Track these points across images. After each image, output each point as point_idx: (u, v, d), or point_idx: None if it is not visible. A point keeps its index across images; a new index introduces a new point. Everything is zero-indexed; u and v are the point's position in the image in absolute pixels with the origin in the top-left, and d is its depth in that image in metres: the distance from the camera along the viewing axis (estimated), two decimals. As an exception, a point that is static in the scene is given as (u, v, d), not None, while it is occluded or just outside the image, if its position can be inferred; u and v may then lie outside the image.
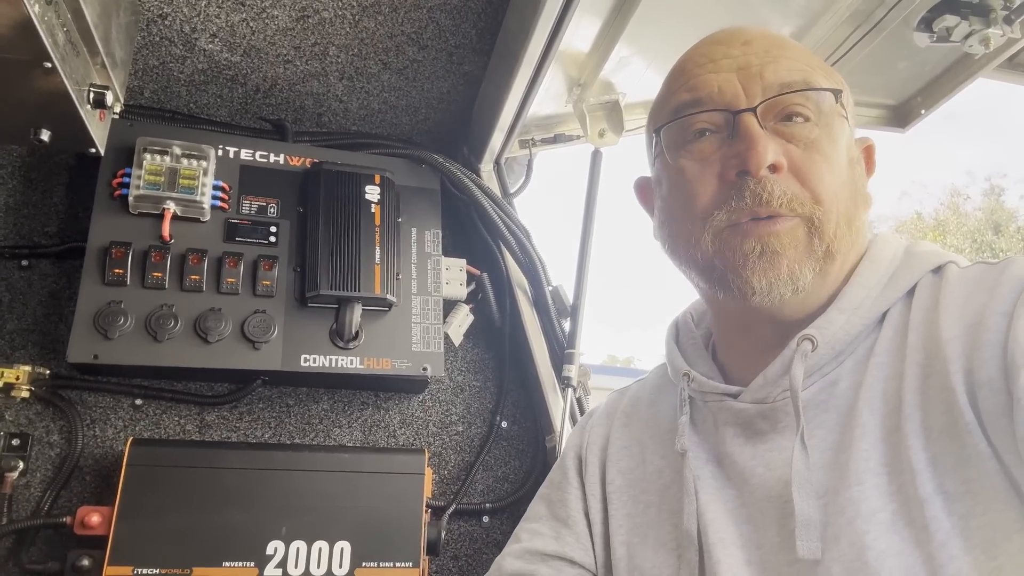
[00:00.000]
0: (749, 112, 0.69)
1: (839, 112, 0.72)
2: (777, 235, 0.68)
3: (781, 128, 0.70)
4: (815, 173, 0.69)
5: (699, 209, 0.72)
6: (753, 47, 0.73)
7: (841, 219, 0.69)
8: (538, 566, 0.83)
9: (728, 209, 0.69)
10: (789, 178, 0.69)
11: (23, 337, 1.34)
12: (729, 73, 0.72)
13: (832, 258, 0.70)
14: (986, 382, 0.58)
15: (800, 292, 0.69)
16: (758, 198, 0.68)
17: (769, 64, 0.71)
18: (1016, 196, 22.80)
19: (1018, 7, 1.24)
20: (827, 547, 0.61)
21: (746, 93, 0.71)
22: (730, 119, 0.71)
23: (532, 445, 1.59)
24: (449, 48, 1.37)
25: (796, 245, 0.68)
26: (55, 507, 1.27)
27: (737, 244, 0.69)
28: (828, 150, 0.70)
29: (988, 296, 0.62)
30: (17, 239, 1.38)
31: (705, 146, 0.73)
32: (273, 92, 1.47)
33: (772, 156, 0.68)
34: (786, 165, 0.69)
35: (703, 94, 0.73)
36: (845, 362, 0.69)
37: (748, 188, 0.68)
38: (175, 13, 1.25)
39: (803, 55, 0.75)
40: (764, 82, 0.70)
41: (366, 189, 1.43)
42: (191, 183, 1.32)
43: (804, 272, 0.68)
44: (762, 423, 0.71)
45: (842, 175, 0.71)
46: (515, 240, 1.55)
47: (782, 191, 0.68)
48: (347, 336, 1.34)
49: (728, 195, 0.70)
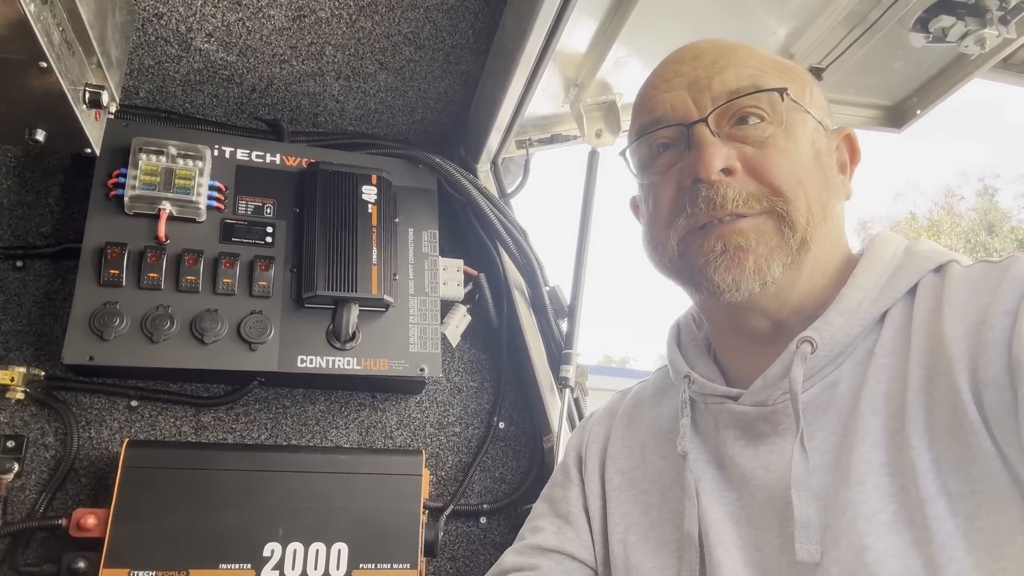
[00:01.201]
0: (701, 123, 0.72)
1: (795, 107, 0.74)
2: (741, 231, 0.70)
3: (735, 132, 0.73)
4: (771, 168, 0.71)
5: (663, 217, 0.76)
6: (702, 60, 0.76)
7: (813, 207, 0.71)
8: (539, 559, 0.84)
9: (686, 215, 0.73)
10: (745, 178, 0.71)
11: (18, 338, 1.33)
12: (680, 91, 0.75)
13: (807, 248, 0.70)
14: (991, 381, 0.58)
15: (770, 286, 0.70)
16: (711, 203, 0.70)
17: (717, 75, 0.74)
18: (1010, 196, 22.85)
19: (1013, 8, 1.24)
20: (827, 548, 0.61)
21: (696, 106, 0.74)
22: (684, 132, 0.74)
23: (529, 446, 1.59)
24: (446, 48, 1.37)
25: (766, 240, 0.70)
26: (51, 509, 1.26)
27: (699, 244, 0.72)
28: (785, 144, 0.72)
29: (992, 295, 0.62)
30: (12, 240, 1.37)
31: (666, 160, 0.77)
32: (269, 92, 1.47)
33: (721, 161, 0.70)
34: (740, 167, 0.71)
35: (659, 113, 0.77)
36: (845, 363, 0.69)
37: (701, 194, 0.71)
38: (171, 13, 1.24)
39: (753, 59, 0.76)
40: (712, 92, 0.73)
41: (363, 189, 1.43)
42: (187, 183, 1.31)
43: (772, 266, 0.69)
44: (762, 425, 0.72)
45: (804, 165, 0.72)
46: (512, 240, 1.55)
47: (736, 193, 0.70)
48: (344, 337, 1.34)
49: (684, 202, 0.73)
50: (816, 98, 0.78)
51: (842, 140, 0.80)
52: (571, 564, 0.83)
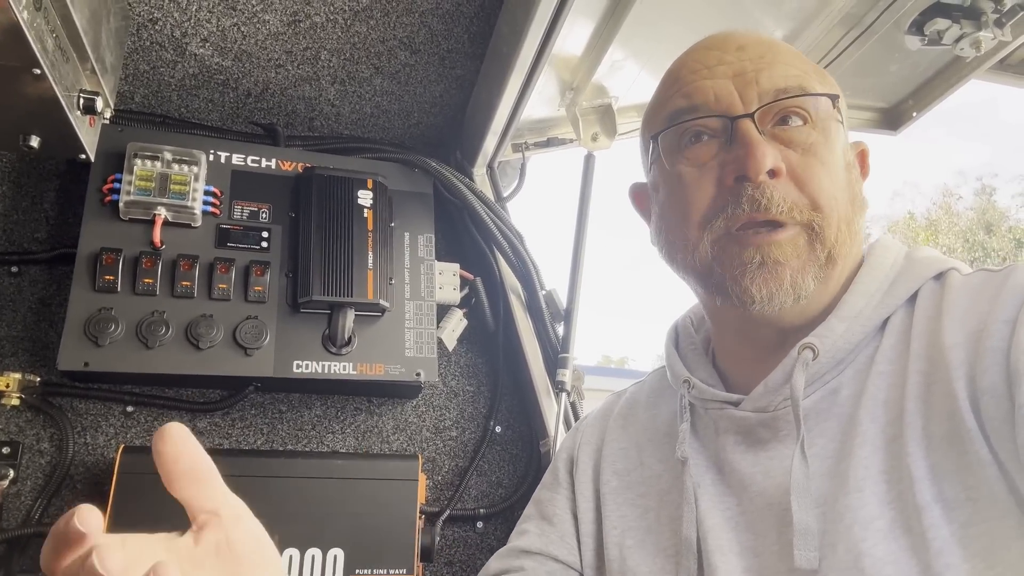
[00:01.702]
0: (747, 117, 0.69)
1: (835, 117, 0.72)
2: (779, 244, 0.68)
3: (778, 133, 0.70)
4: (814, 178, 0.69)
5: (697, 215, 0.72)
6: (748, 52, 0.73)
7: (842, 224, 0.69)
8: (523, 561, 0.84)
9: (726, 216, 0.69)
10: (788, 183, 0.69)
11: (13, 344, 1.32)
12: (725, 79, 0.72)
13: (834, 263, 0.70)
14: (989, 389, 0.58)
15: (802, 300, 0.69)
16: (756, 204, 0.67)
17: (764, 69, 0.71)
18: (1007, 195, 22.88)
19: (1009, 10, 1.24)
20: (824, 555, 0.61)
21: (742, 99, 0.71)
22: (727, 125, 0.70)
23: (526, 450, 1.59)
24: (441, 52, 1.37)
25: (798, 254, 0.68)
26: (46, 515, 1.26)
27: (736, 253, 0.69)
28: (825, 155, 0.70)
29: (991, 304, 0.62)
30: (7, 246, 1.37)
31: (703, 152, 0.73)
32: (265, 96, 1.46)
33: (771, 161, 0.68)
34: (784, 170, 0.69)
35: (699, 100, 0.73)
36: (846, 370, 0.69)
37: (746, 194, 0.68)
38: (165, 18, 1.24)
39: (797, 59, 0.75)
40: (760, 87, 0.70)
41: (358, 194, 1.43)
42: (182, 188, 1.31)
43: (807, 281, 0.68)
44: (763, 431, 0.71)
45: (839, 180, 0.71)
46: (508, 244, 1.55)
47: (781, 197, 0.68)
48: (340, 342, 1.33)
49: (726, 201, 0.69)
50: (844, 108, 0.77)
51: (857, 154, 0.79)
52: (554, 565, 0.83)
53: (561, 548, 0.84)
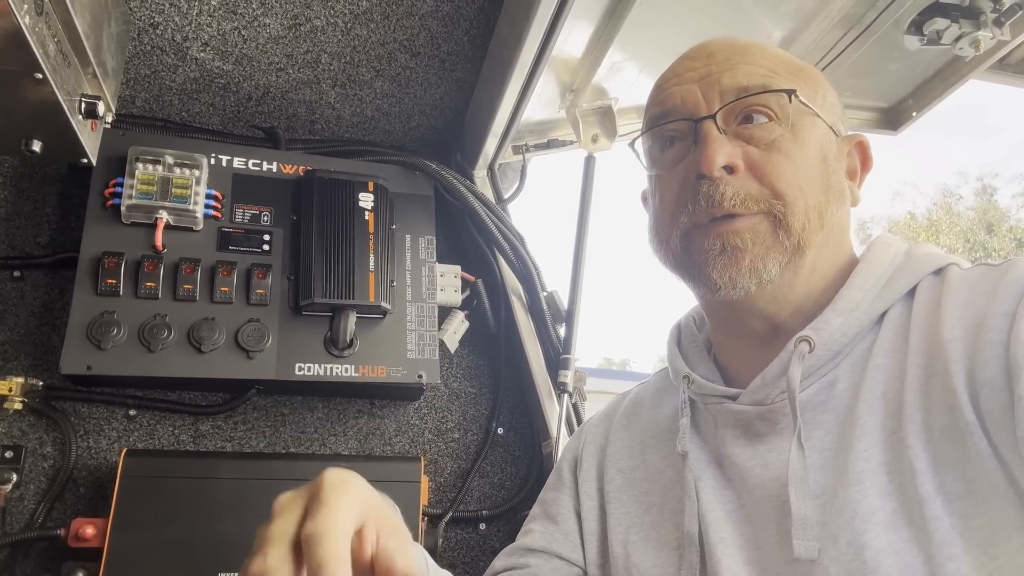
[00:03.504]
0: (708, 119, 0.73)
1: (806, 111, 0.74)
2: (737, 232, 0.70)
3: (742, 131, 0.73)
4: (773, 171, 0.71)
5: (668, 213, 0.76)
6: (716, 57, 0.76)
7: (811, 212, 0.71)
8: (528, 558, 0.86)
9: (688, 212, 0.73)
10: (747, 178, 0.71)
11: (15, 348, 1.33)
12: (691, 84, 0.76)
13: (802, 252, 0.71)
14: (988, 382, 0.58)
15: (767, 284, 0.71)
16: (711, 200, 0.71)
17: (728, 71, 0.74)
18: (1008, 195, 22.86)
19: (1007, 9, 1.24)
20: (825, 547, 0.61)
21: (706, 101, 0.74)
22: (692, 127, 0.74)
23: (528, 451, 1.59)
24: (441, 55, 1.37)
25: (760, 240, 0.70)
26: (49, 519, 1.26)
27: (700, 242, 0.73)
28: (790, 148, 0.72)
29: (990, 297, 0.62)
30: (9, 250, 1.37)
31: (673, 154, 0.77)
32: (265, 100, 1.47)
33: (724, 158, 0.71)
34: (743, 166, 0.71)
35: (669, 106, 0.77)
36: (842, 363, 0.70)
37: (702, 191, 0.71)
38: (166, 22, 1.24)
39: (766, 58, 0.76)
40: (722, 87, 0.74)
41: (360, 196, 1.43)
42: (184, 192, 1.31)
43: (768, 266, 0.70)
44: (761, 424, 0.72)
45: (809, 171, 0.72)
46: (509, 246, 1.55)
47: (735, 191, 0.70)
48: (342, 344, 1.34)
49: (687, 198, 0.73)
50: (830, 102, 0.78)
51: (854, 147, 0.80)
52: (558, 562, 0.85)
53: (565, 546, 0.85)
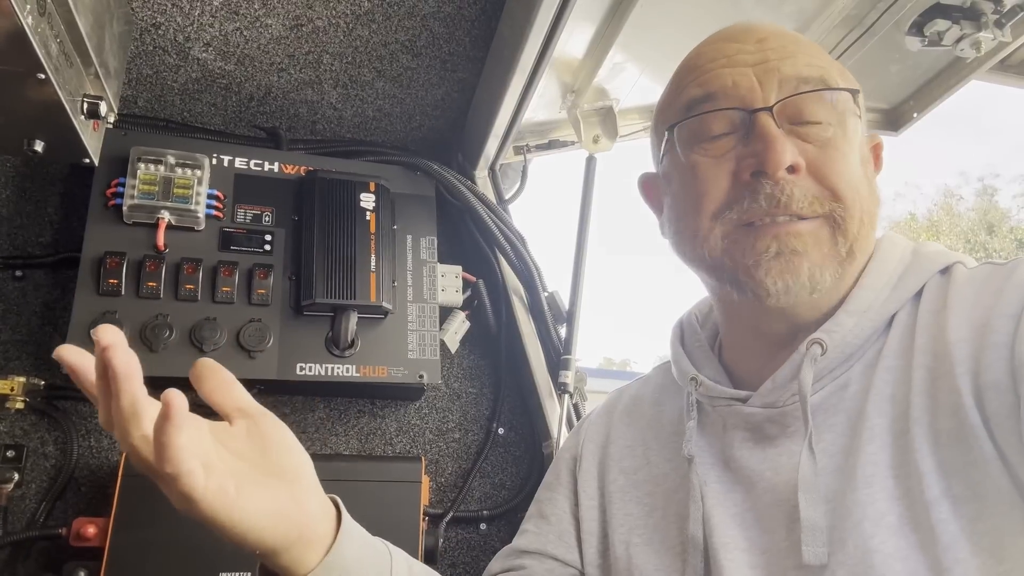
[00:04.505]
0: (766, 111, 0.68)
1: (854, 111, 0.71)
2: (799, 235, 0.66)
3: (797, 128, 0.69)
4: (834, 171, 0.67)
5: (710, 207, 0.70)
6: (769, 43, 0.71)
7: (864, 216, 0.68)
8: (523, 560, 0.84)
9: (740, 209, 0.68)
10: (807, 178, 0.67)
11: (17, 348, 1.33)
12: (745, 68, 0.70)
13: (853, 257, 0.69)
14: (993, 384, 0.58)
15: (817, 293, 0.67)
16: (774, 201, 0.66)
17: (787, 59, 0.69)
18: (1009, 196, 22.83)
19: (1008, 11, 1.24)
20: (833, 550, 0.61)
21: (762, 89, 0.69)
22: (746, 117, 0.69)
23: (529, 452, 1.59)
24: (443, 56, 1.38)
25: (820, 245, 0.67)
26: (50, 519, 1.26)
27: (750, 243, 0.68)
28: (844, 148, 0.69)
29: (996, 298, 0.62)
30: (11, 250, 1.37)
31: (719, 143, 0.71)
32: (267, 100, 1.47)
33: (791, 157, 0.66)
34: (804, 165, 0.67)
35: (716, 88, 0.71)
36: (855, 366, 0.69)
37: (764, 191, 0.66)
38: (168, 22, 1.25)
39: (819, 53, 0.73)
40: (781, 76, 0.69)
41: (361, 197, 1.43)
42: (185, 192, 1.31)
43: (825, 274, 0.67)
44: (771, 427, 0.71)
45: (858, 173, 0.70)
46: (510, 246, 1.55)
47: (802, 193, 0.66)
48: (343, 344, 1.34)
49: (741, 195, 0.68)
50: (862, 102, 0.75)
51: (871, 148, 0.77)
52: (551, 563, 0.83)
53: (558, 546, 0.83)
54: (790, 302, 0.67)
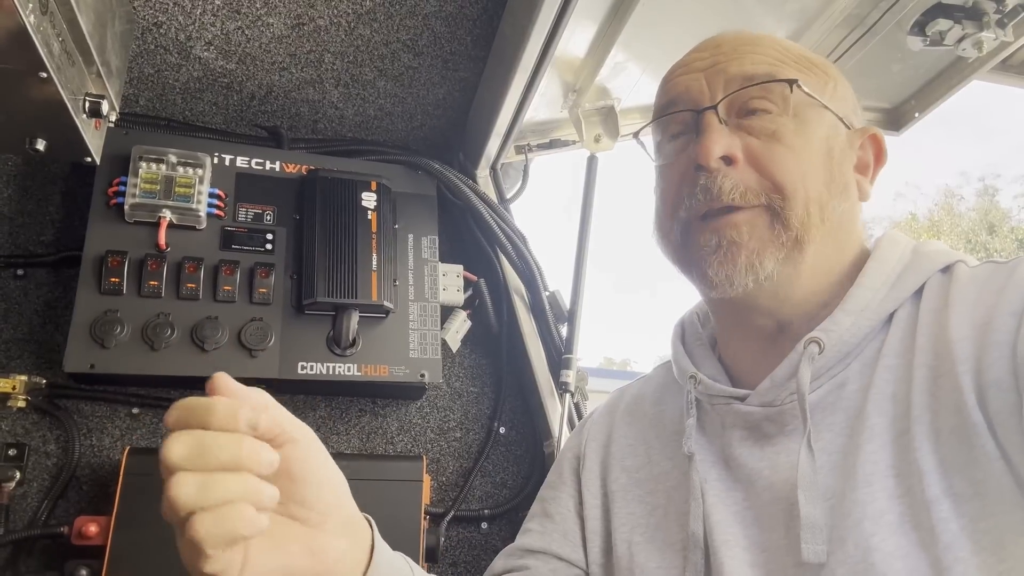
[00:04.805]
0: (710, 109, 0.72)
1: (810, 101, 0.72)
2: (735, 226, 0.69)
3: (744, 122, 0.72)
4: (774, 163, 0.70)
5: (669, 205, 0.75)
6: (723, 48, 0.75)
7: (811, 206, 0.69)
8: (527, 560, 0.84)
9: (685, 205, 0.72)
10: (746, 170, 0.70)
11: (19, 347, 1.33)
12: (697, 74, 0.75)
13: (801, 247, 0.69)
14: (995, 382, 0.58)
15: (765, 281, 0.69)
16: (708, 192, 0.70)
17: (734, 60, 0.73)
18: (1010, 196, 22.85)
19: (1010, 11, 1.24)
20: (833, 549, 0.61)
21: (710, 90, 0.73)
22: (695, 117, 0.73)
23: (530, 451, 1.59)
24: (444, 55, 1.38)
25: (756, 235, 0.69)
26: (52, 517, 1.26)
27: (697, 238, 0.71)
28: (792, 140, 0.70)
29: (997, 296, 0.62)
30: (12, 248, 1.38)
31: (677, 145, 0.76)
32: (269, 99, 1.47)
33: (721, 149, 0.70)
34: (742, 157, 0.70)
35: (674, 95, 0.76)
36: (852, 364, 0.69)
37: (700, 183, 0.70)
38: (170, 21, 1.25)
39: (775, 49, 0.75)
40: (727, 76, 0.72)
41: (362, 196, 1.43)
42: (187, 191, 1.31)
43: (765, 261, 0.68)
44: (769, 426, 0.71)
45: (812, 163, 0.70)
46: (512, 245, 1.55)
47: (733, 184, 0.69)
48: (344, 343, 1.34)
49: (685, 191, 0.72)
50: (840, 94, 0.76)
51: (867, 139, 0.78)
52: (556, 563, 0.83)
53: (563, 545, 0.83)
54: (738, 292, 0.70)
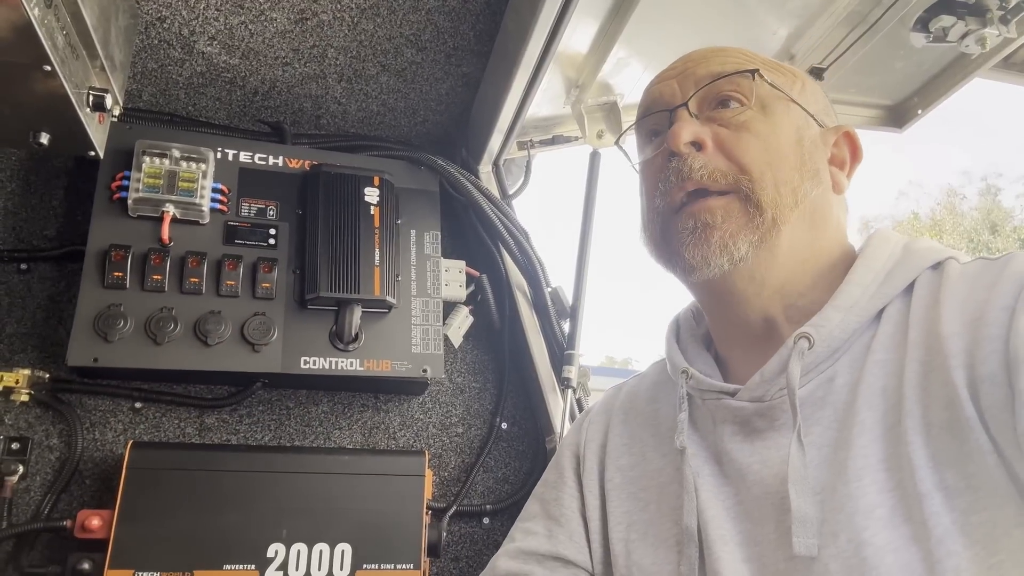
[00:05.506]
0: (681, 106, 0.77)
1: (777, 94, 0.77)
2: (711, 209, 0.72)
3: (714, 114, 0.76)
4: (739, 147, 0.74)
5: (649, 200, 0.80)
6: (692, 57, 0.81)
7: (782, 188, 0.72)
8: (533, 567, 0.83)
9: (660, 192, 0.76)
10: (715, 154, 0.74)
11: (22, 341, 1.33)
12: (669, 81, 0.81)
13: (776, 228, 0.72)
14: (987, 377, 0.58)
15: (740, 263, 0.71)
16: (680, 174, 0.74)
17: (702, 64, 0.79)
18: (1012, 195, 22.85)
19: (1014, 7, 1.24)
20: (825, 543, 0.61)
21: (681, 91, 0.79)
22: (670, 116, 0.79)
23: (532, 446, 1.59)
24: (447, 50, 1.38)
25: (731, 217, 0.72)
26: (55, 511, 1.27)
27: (675, 224, 0.75)
28: (760, 128, 0.75)
29: (989, 291, 0.62)
30: (16, 242, 1.38)
31: (654, 144, 0.81)
32: (272, 94, 1.47)
33: (689, 135, 0.74)
34: (711, 144, 0.74)
35: (648, 102, 0.83)
36: (841, 359, 0.70)
37: (671, 166, 0.75)
38: (174, 16, 1.25)
39: (744, 54, 0.80)
40: (696, 78, 0.78)
41: (365, 191, 1.43)
42: (190, 186, 1.32)
43: (739, 243, 0.71)
44: (759, 421, 0.72)
45: (780, 150, 0.74)
46: (514, 241, 1.56)
47: (702, 164, 0.73)
48: (347, 338, 1.34)
49: (660, 177, 0.77)
50: (809, 93, 0.80)
51: (841, 137, 0.81)
52: (565, 571, 0.82)
53: (571, 548, 0.83)
54: (714, 274, 0.72)
